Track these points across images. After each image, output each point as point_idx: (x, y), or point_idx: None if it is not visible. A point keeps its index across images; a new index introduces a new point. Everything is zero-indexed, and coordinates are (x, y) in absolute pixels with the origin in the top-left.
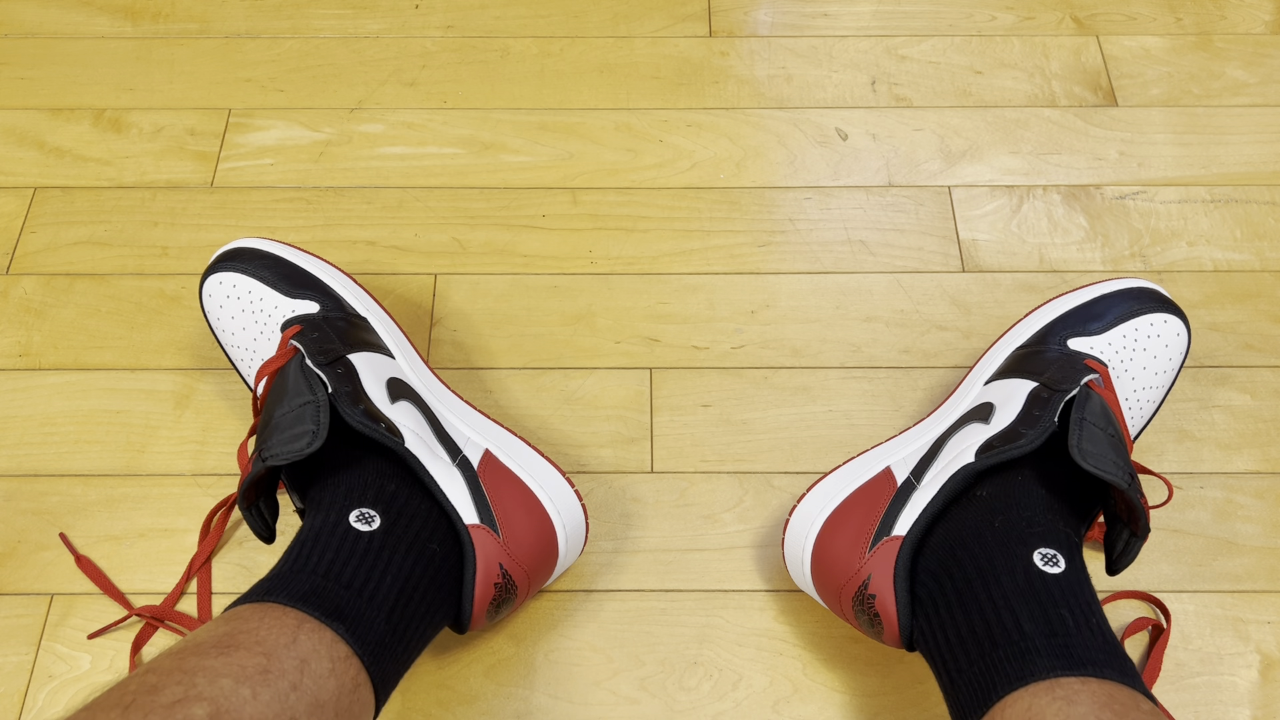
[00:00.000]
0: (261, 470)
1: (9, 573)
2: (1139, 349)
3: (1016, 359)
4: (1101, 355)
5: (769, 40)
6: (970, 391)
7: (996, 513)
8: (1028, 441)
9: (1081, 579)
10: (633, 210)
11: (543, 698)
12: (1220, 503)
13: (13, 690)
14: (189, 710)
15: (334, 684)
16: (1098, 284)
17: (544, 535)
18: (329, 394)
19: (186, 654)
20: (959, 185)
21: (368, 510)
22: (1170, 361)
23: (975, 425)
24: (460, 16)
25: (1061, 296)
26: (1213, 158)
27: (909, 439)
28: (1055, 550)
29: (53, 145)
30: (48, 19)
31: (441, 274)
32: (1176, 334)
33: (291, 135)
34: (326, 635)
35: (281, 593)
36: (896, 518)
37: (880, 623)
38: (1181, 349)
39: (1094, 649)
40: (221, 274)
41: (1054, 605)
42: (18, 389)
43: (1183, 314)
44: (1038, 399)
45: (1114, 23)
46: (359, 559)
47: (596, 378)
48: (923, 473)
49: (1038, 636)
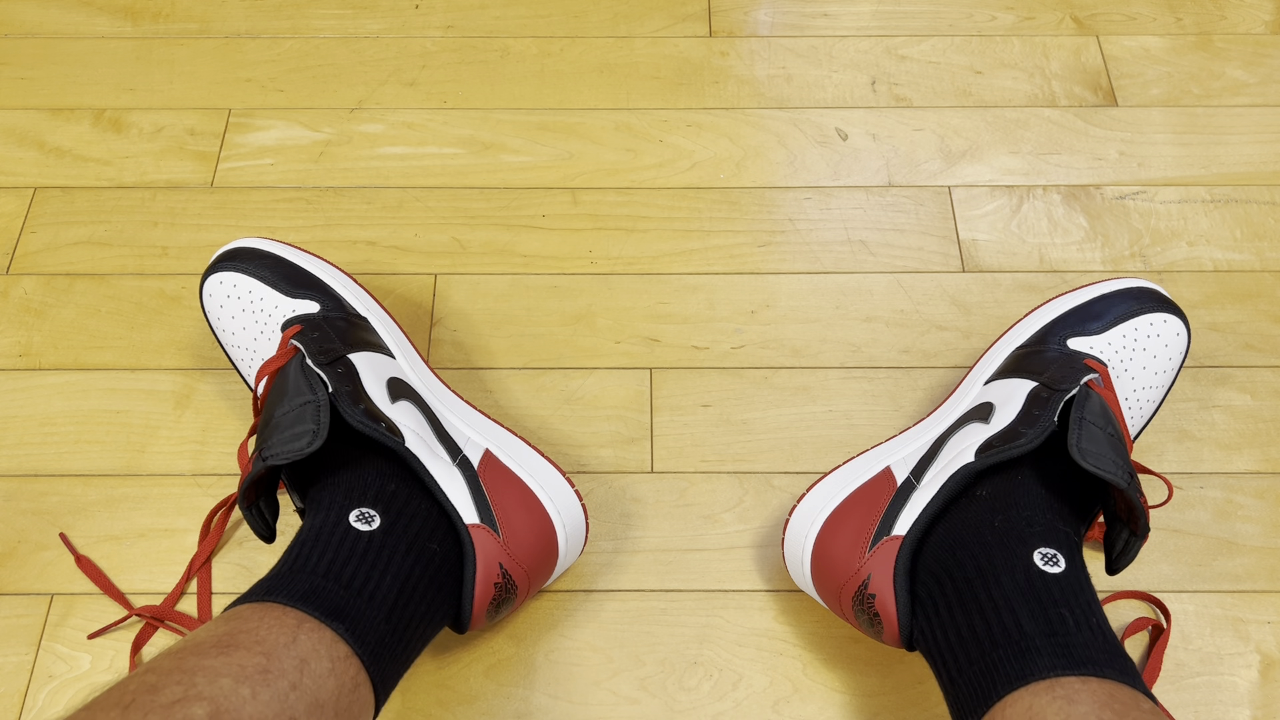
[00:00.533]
0: (262, 470)
1: (9, 573)
2: (1139, 349)
3: (1016, 359)
4: (1101, 355)
5: (769, 40)
6: (970, 391)
7: (996, 512)
8: (1027, 441)
9: (1082, 578)
10: (633, 210)
11: (543, 698)
12: (1220, 503)
13: (13, 690)
14: (189, 710)
15: (334, 683)
16: (1097, 284)
17: (544, 535)
18: (329, 393)
19: (186, 654)
20: (959, 185)
21: (368, 510)
22: (1170, 361)
23: (975, 425)
24: (460, 16)
25: (1061, 296)
26: (1213, 158)
27: (909, 439)
28: (1055, 550)
29: (53, 145)
30: (48, 19)
31: (441, 274)
32: (1176, 334)
33: (291, 135)
34: (326, 635)
35: (281, 592)
36: (896, 517)
37: (880, 622)
38: (1181, 348)
39: (1094, 648)
40: (222, 274)
41: (1054, 605)
42: (18, 389)
43: (1182, 313)
44: (1037, 398)
45: (1114, 23)
46: (359, 559)
47: (596, 378)
48: (923, 472)
49: (1038, 636)
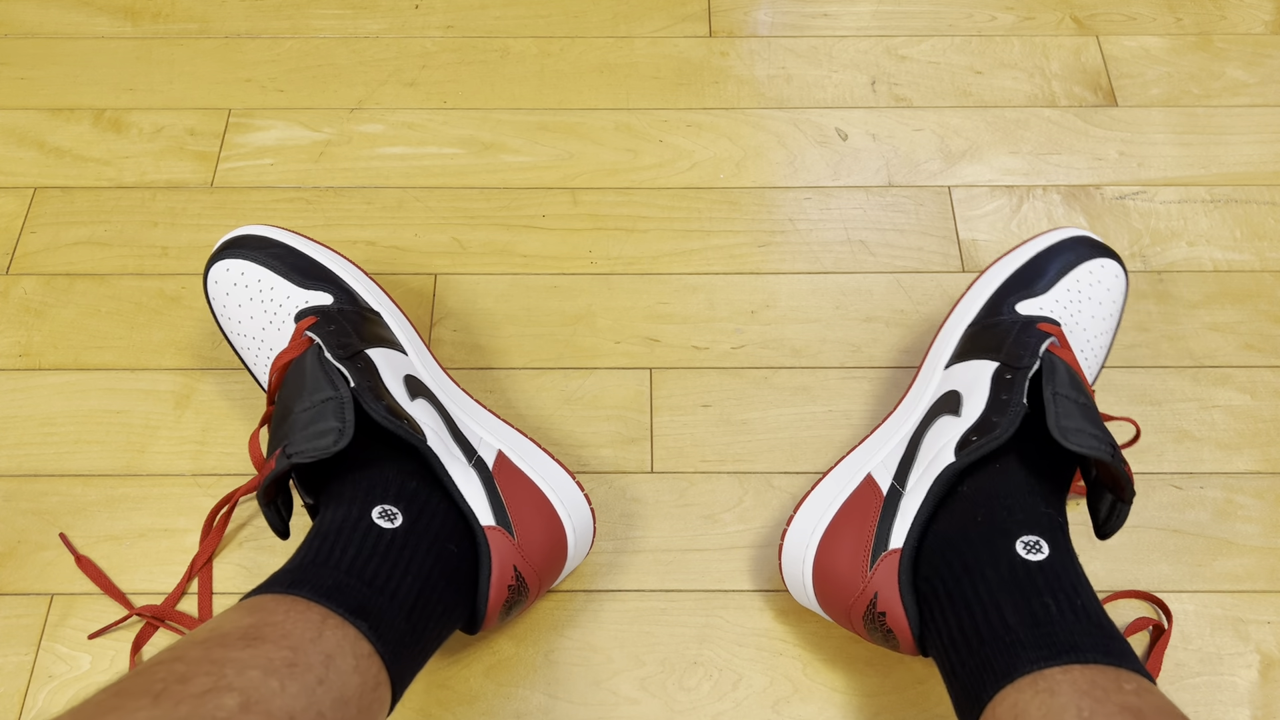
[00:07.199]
0: (286, 467)
1: (9, 573)
2: (1085, 298)
3: (971, 337)
4: (1052, 314)
5: (769, 40)
6: (931, 379)
7: (979, 507)
8: (1002, 430)
9: (1065, 562)
10: (633, 210)
11: (543, 698)
12: (1220, 503)
13: (13, 690)
14: (220, 700)
15: (357, 681)
16: (1029, 241)
17: (555, 537)
18: (352, 389)
19: (212, 644)
20: (959, 185)
21: (390, 507)
22: (1115, 305)
23: (947, 419)
24: (460, 16)
25: (998, 261)
26: (1213, 158)
27: (882, 439)
28: (1038, 536)
29: (53, 145)
30: (48, 19)
31: (441, 274)
32: (1115, 275)
33: (291, 135)
34: (350, 632)
35: (305, 586)
36: (890, 529)
37: (895, 638)
38: (1121, 289)
39: (1077, 633)
40: (229, 261)
41: (1037, 594)
42: (18, 389)
43: (1116, 255)
44: (1002, 380)
45: (1114, 23)
46: (381, 556)
47: (596, 378)
48: (905, 476)
49: (1021, 629)
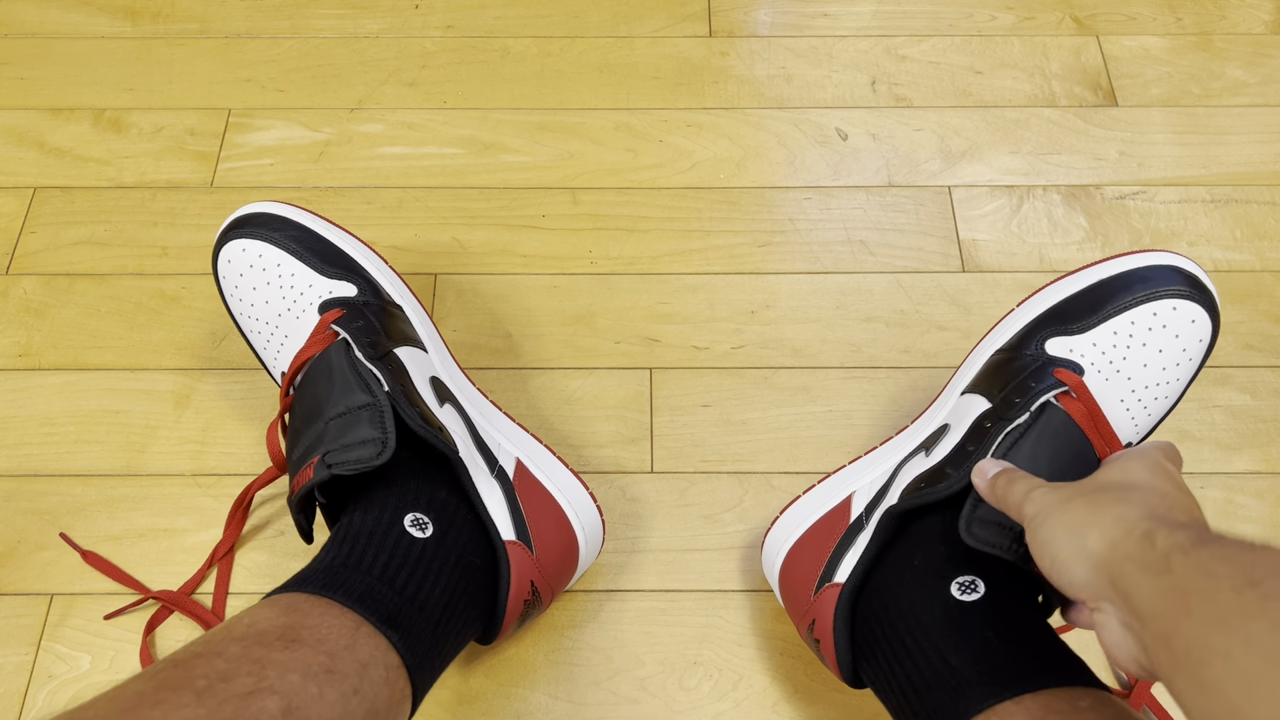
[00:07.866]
0: (326, 477)
1: (9, 573)
2: (1138, 343)
3: (992, 366)
4: (1082, 358)
5: (769, 40)
6: (948, 401)
7: (917, 548)
8: (947, 486)
9: (1002, 598)
10: (633, 210)
11: (543, 698)
12: (1220, 503)
13: (13, 690)
14: (263, 702)
15: (386, 693)
16: (1104, 261)
17: (569, 549)
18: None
19: (251, 642)
20: (959, 185)
21: (421, 516)
22: (1184, 354)
23: (919, 457)
24: (460, 16)
25: (1057, 282)
26: (1213, 158)
27: (878, 459)
28: (973, 575)
29: (53, 145)
30: (48, 19)
31: (441, 274)
32: (1191, 321)
33: (291, 135)
34: (381, 643)
35: (338, 589)
36: (839, 562)
37: (827, 663)
38: (1200, 336)
39: (1022, 661)
40: (244, 240)
41: (976, 630)
42: (18, 389)
43: (1206, 292)
44: (980, 428)
45: (1114, 23)
46: (412, 566)
47: (596, 378)
48: (874, 508)
49: (965, 668)
